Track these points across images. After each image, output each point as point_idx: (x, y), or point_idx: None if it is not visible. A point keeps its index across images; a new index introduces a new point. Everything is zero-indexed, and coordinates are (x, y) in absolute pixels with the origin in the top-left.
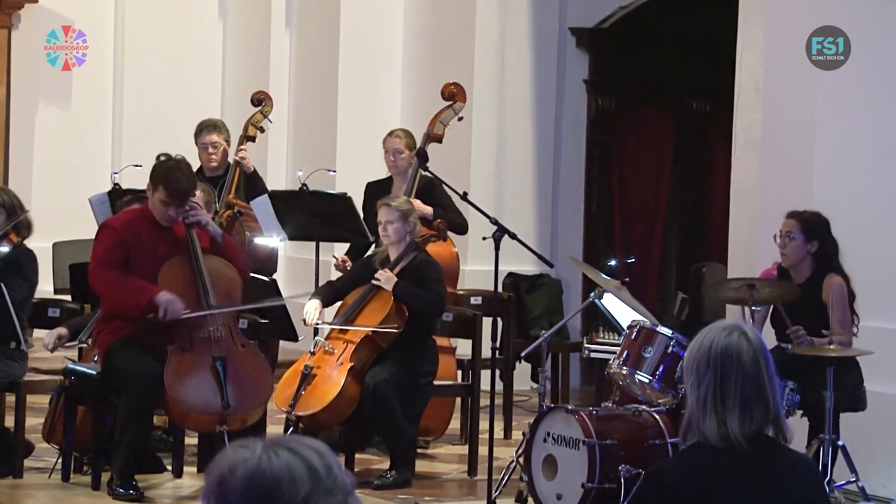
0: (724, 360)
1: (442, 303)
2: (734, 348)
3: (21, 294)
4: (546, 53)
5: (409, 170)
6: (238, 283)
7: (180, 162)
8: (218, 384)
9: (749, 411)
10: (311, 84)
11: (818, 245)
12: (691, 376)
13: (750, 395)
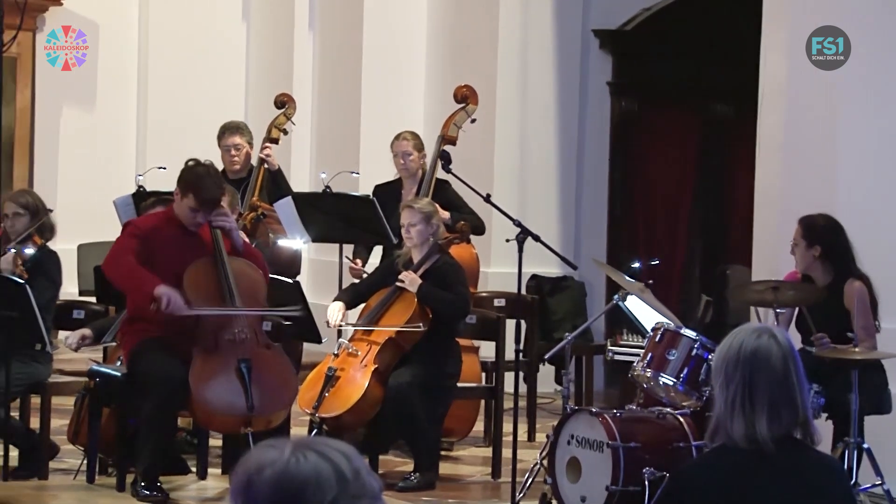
0: (754, 362)
1: (466, 305)
2: (763, 350)
3: (46, 296)
4: (569, 55)
5: (418, 171)
6: (262, 285)
7: (209, 168)
8: (243, 386)
9: (777, 413)
10: (334, 86)
11: (821, 249)
12: (720, 377)
13: (778, 397)
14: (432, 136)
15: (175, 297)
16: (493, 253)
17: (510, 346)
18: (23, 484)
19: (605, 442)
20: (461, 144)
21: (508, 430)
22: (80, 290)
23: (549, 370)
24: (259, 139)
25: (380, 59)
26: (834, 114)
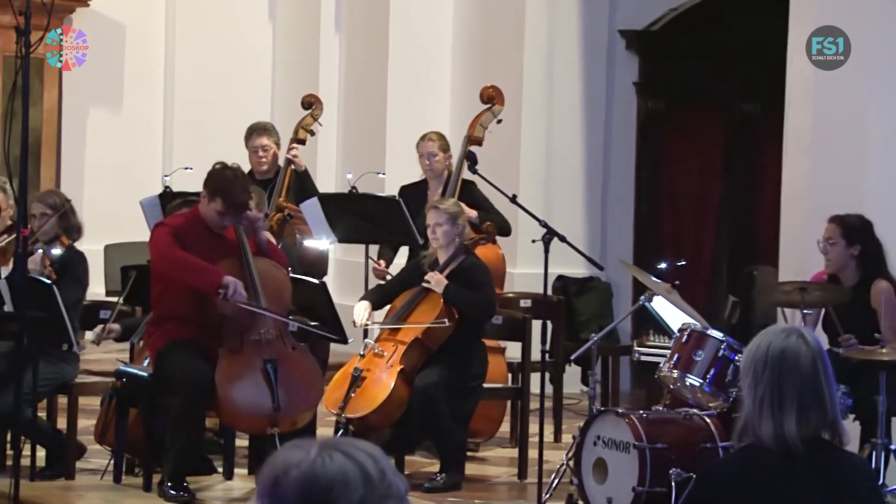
0: (782, 362)
1: (492, 306)
2: (792, 350)
3: (73, 296)
4: (595, 56)
5: (444, 172)
6: (287, 286)
7: (237, 172)
8: (269, 386)
9: (806, 413)
10: (360, 87)
11: (860, 249)
12: (748, 378)
13: (807, 397)
14: (458, 137)
15: (240, 287)
16: (519, 253)
17: (536, 347)
18: (49, 484)
19: (631, 443)
20: (487, 145)
21: (534, 430)
22: (107, 290)
23: (575, 371)
24: (286, 140)
25: (406, 59)
26: (862, 113)
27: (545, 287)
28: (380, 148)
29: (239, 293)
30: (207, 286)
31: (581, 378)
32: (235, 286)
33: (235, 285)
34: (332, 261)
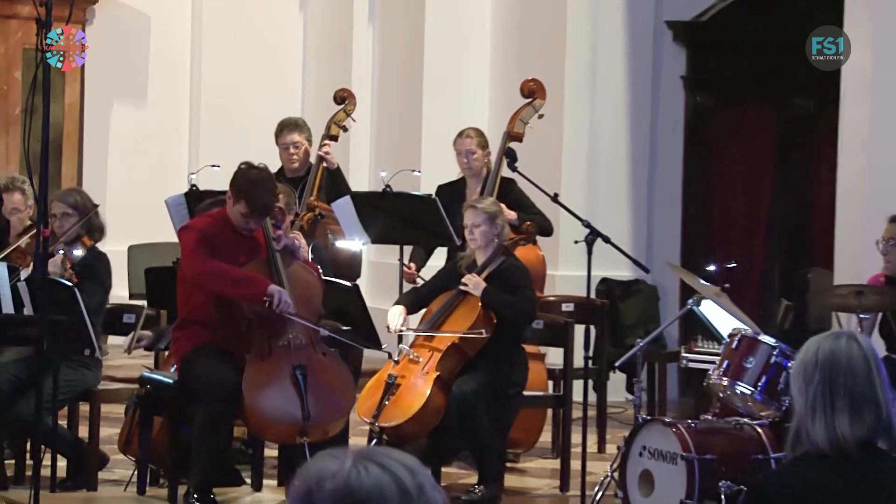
0: (833, 362)
1: (533, 309)
2: (843, 351)
3: (95, 299)
4: (641, 48)
5: (483, 170)
6: (317, 289)
7: (262, 172)
8: (298, 394)
9: (859, 413)
10: (394, 81)
11: None
12: (798, 381)
13: (859, 396)
14: (497, 133)
15: (286, 296)
16: (560, 255)
17: (579, 353)
18: (71, 496)
19: (679, 454)
20: (527, 141)
21: (577, 440)
22: (131, 293)
23: (619, 378)
24: (317, 137)
25: (442, 52)
26: None
27: (588, 290)
28: (415, 145)
29: (285, 302)
30: (253, 297)
31: (626, 386)
32: (281, 295)
33: (281, 294)
34: (366, 262)
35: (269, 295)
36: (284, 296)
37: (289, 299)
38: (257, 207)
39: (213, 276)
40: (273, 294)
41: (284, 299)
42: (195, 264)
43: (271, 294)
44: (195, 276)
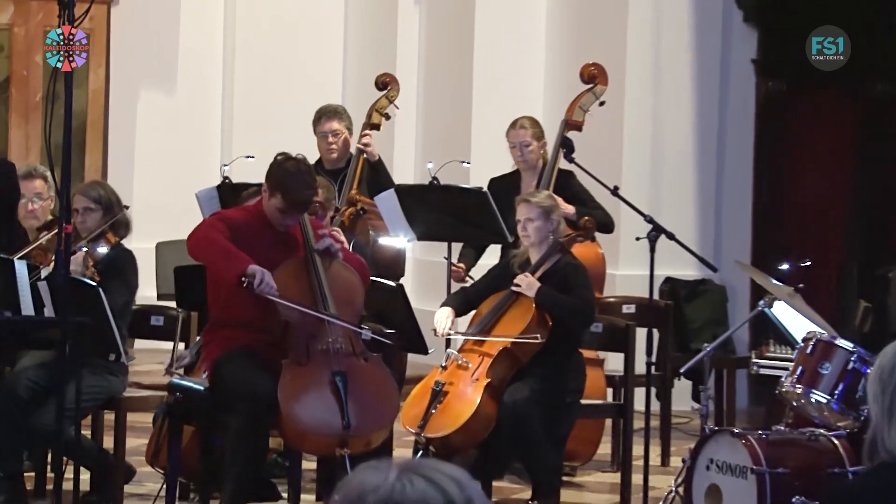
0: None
1: (591, 311)
2: None
3: (120, 300)
4: (709, 30)
5: (538, 163)
6: (359, 289)
7: (300, 164)
8: (338, 402)
9: None
10: (442, 65)
11: None
12: (875, 387)
13: None
14: (554, 122)
15: (269, 277)
16: (621, 253)
17: (641, 359)
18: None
19: (749, 467)
20: (587, 131)
21: (639, 452)
22: (159, 293)
23: (685, 385)
24: (358, 125)
25: (495, 33)
26: None
27: (651, 291)
28: (464, 134)
29: (266, 284)
30: (230, 275)
31: (692, 394)
32: (262, 276)
33: (262, 275)
34: (411, 261)
35: (248, 275)
36: (268, 277)
37: (272, 281)
38: (295, 202)
39: (202, 243)
40: (254, 274)
41: (267, 280)
42: (197, 231)
43: (251, 274)
44: (190, 242)
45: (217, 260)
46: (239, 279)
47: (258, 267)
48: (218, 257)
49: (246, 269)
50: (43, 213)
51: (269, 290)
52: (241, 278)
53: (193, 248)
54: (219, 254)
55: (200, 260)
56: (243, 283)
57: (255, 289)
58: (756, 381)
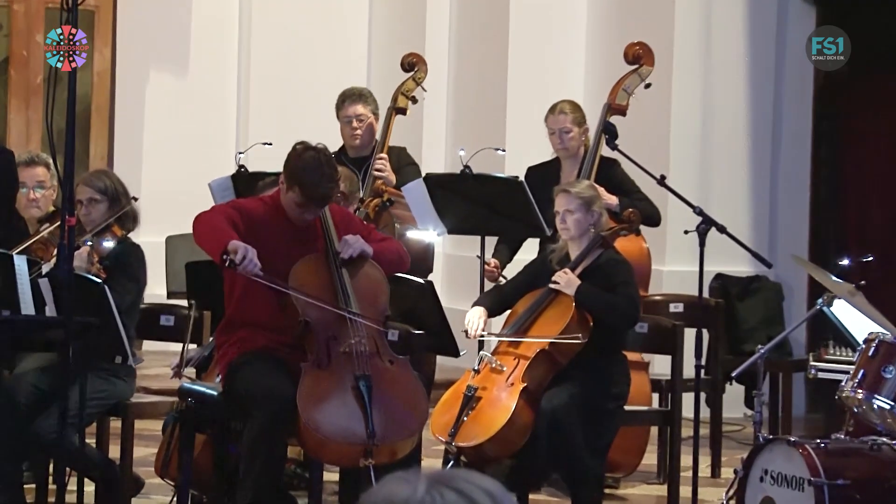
0: None
1: (635, 311)
2: None
3: (127, 299)
4: (763, 6)
5: (579, 150)
6: (384, 286)
7: (320, 154)
8: (362, 409)
9: None
10: (475, 44)
11: None
12: None
13: None
14: (596, 106)
15: (253, 254)
16: (668, 247)
17: (689, 362)
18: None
19: (806, 479)
20: (631, 115)
21: (687, 463)
22: (169, 291)
23: (737, 391)
24: (384, 109)
25: (532, 10)
26: None
27: (700, 288)
28: (499, 119)
29: (251, 262)
30: (214, 253)
31: (744, 399)
32: (246, 253)
33: (246, 252)
34: (440, 256)
35: (230, 251)
36: (251, 254)
37: (256, 259)
38: (314, 196)
39: (199, 222)
40: (236, 250)
41: (250, 257)
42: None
43: (234, 250)
44: (194, 224)
45: (204, 239)
46: (221, 257)
47: (241, 243)
48: (205, 236)
49: (227, 244)
50: (45, 203)
51: (253, 269)
52: (223, 256)
53: (194, 230)
54: (206, 232)
55: (198, 244)
56: (225, 261)
57: (238, 267)
58: (814, 386)
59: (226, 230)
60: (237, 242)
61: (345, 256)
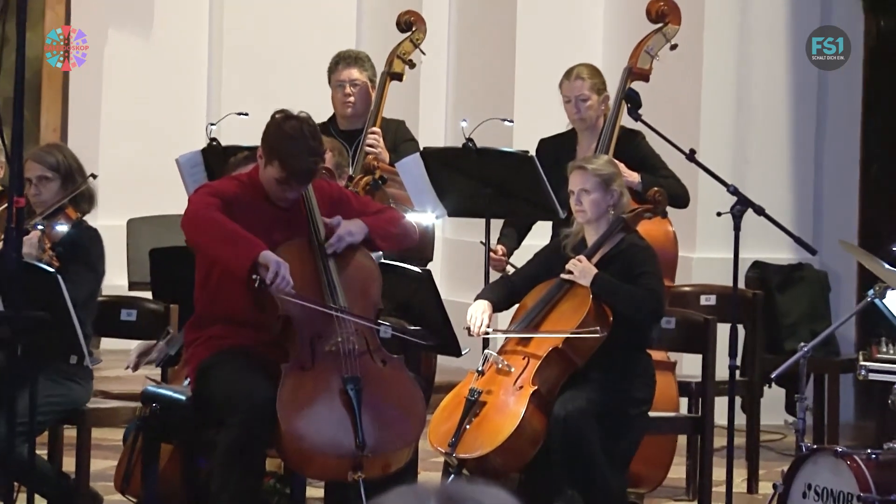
0: None
1: (660, 303)
2: None
3: (83, 290)
4: None
5: (598, 121)
6: (375, 275)
7: (303, 124)
8: (350, 415)
9: None
10: (480, 1)
11: None
12: None
13: None
14: (616, 70)
15: (285, 270)
16: (699, 231)
17: (722, 361)
18: None
19: (855, 494)
20: (655, 81)
21: (720, 476)
22: (131, 282)
23: (776, 394)
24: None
25: None
26: None
27: (735, 278)
28: (506, 85)
29: (283, 279)
30: (237, 266)
31: (785, 404)
32: (278, 268)
33: (278, 267)
34: (440, 241)
35: (261, 264)
36: (283, 269)
37: (288, 275)
38: (295, 171)
39: (204, 224)
40: (267, 264)
41: (283, 274)
42: (194, 210)
43: (264, 263)
44: (188, 223)
45: (222, 247)
46: (250, 274)
47: (273, 255)
48: (224, 243)
49: (257, 256)
50: None
51: (286, 288)
52: (251, 274)
53: (192, 234)
54: (225, 238)
55: (202, 250)
56: (255, 280)
57: (271, 288)
58: (864, 389)
59: (248, 237)
60: (269, 254)
61: (329, 252)
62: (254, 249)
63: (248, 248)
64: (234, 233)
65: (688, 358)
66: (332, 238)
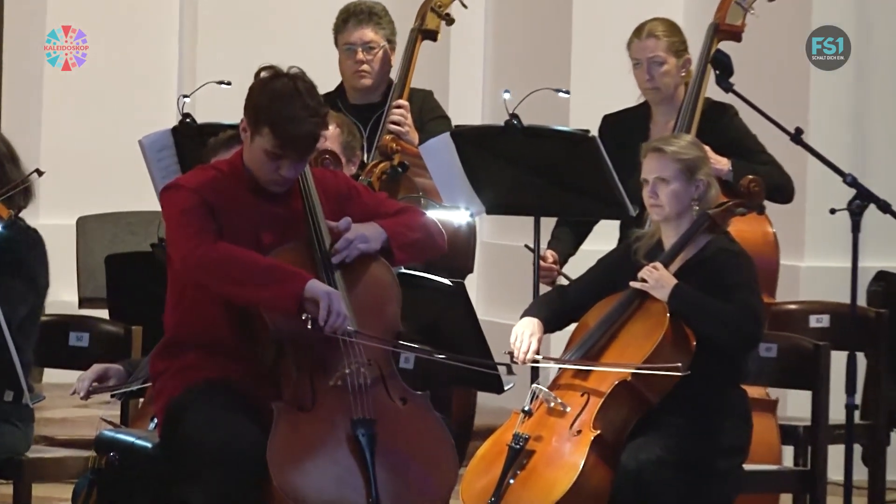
0: None
1: (756, 324)
2: None
3: (20, 309)
4: None
5: (678, 90)
6: (395, 294)
7: (296, 81)
8: (361, 468)
9: None
10: None
11: None
12: None
13: None
14: (699, 28)
15: (340, 304)
16: (807, 234)
17: (838, 399)
18: None
19: None
20: (749, 42)
21: None
22: (81, 297)
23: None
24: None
25: None
26: None
27: (854, 293)
28: (561, 48)
29: (338, 314)
30: (282, 308)
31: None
32: (330, 302)
33: (331, 299)
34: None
35: (308, 299)
36: (337, 303)
37: (345, 309)
38: (291, 137)
39: (221, 263)
40: (318, 297)
41: (337, 309)
42: (191, 244)
43: (314, 298)
44: (188, 264)
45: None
46: (299, 312)
47: (322, 286)
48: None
49: (302, 290)
50: None
51: (344, 325)
52: (300, 310)
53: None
54: (260, 285)
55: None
56: (306, 321)
57: (324, 326)
58: None
59: (286, 269)
60: (316, 287)
61: (336, 261)
62: (298, 283)
63: (292, 284)
64: (269, 270)
65: (793, 395)
66: (339, 243)
